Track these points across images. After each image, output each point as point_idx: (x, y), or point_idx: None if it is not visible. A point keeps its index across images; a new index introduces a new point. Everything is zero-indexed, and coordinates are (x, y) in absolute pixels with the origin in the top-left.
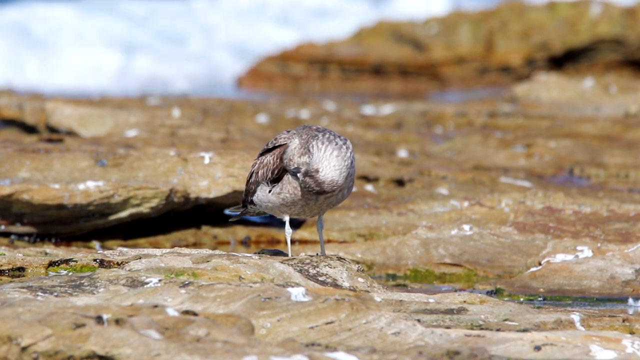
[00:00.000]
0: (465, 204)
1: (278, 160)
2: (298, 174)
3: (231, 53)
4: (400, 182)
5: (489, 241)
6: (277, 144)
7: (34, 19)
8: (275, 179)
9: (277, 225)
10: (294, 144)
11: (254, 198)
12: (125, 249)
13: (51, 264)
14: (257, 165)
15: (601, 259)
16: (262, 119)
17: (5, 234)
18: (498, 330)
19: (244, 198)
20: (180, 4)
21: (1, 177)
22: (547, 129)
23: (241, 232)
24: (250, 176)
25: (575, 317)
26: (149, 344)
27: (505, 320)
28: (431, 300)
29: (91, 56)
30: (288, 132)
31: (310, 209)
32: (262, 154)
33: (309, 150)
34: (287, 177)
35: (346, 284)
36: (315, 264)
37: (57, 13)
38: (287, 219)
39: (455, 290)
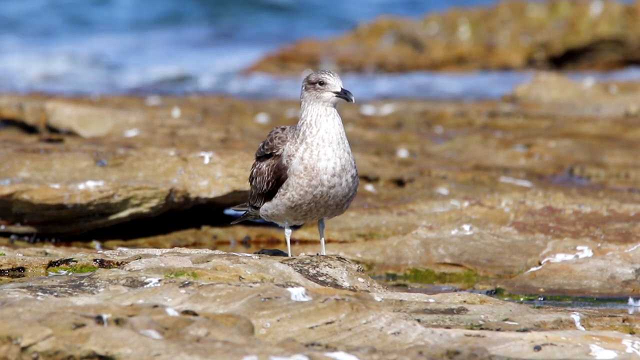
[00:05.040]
0: (465, 204)
1: (272, 173)
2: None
3: None
4: (400, 182)
5: (489, 241)
6: (272, 151)
7: None
8: (270, 192)
9: (278, 225)
10: (286, 149)
11: (261, 209)
12: (125, 249)
13: (51, 264)
14: (255, 170)
15: (601, 259)
16: (262, 119)
17: (5, 234)
18: (498, 330)
19: (249, 200)
20: None
21: (1, 177)
22: (547, 129)
23: (241, 232)
24: (252, 179)
25: (575, 317)
26: (148, 344)
27: (505, 320)
28: (431, 300)
29: None
30: (283, 130)
31: (317, 209)
32: (260, 157)
33: (298, 122)
34: (290, 170)
35: (346, 284)
36: (315, 264)
37: None
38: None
39: (455, 290)
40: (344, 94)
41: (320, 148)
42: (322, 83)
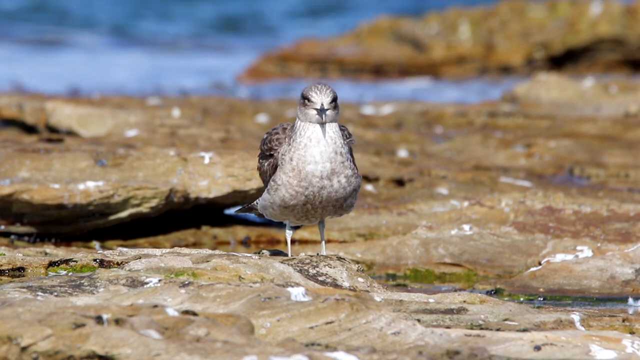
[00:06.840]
0: (465, 203)
1: (272, 172)
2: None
3: None
4: (400, 182)
5: (489, 241)
6: (271, 152)
7: None
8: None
9: (277, 225)
10: (280, 151)
11: (258, 205)
12: (125, 249)
13: (51, 264)
14: (259, 166)
15: (601, 258)
16: (262, 119)
17: (5, 234)
18: (498, 330)
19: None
20: None
21: (1, 177)
22: (547, 129)
23: (241, 232)
24: (259, 172)
25: (575, 317)
26: (148, 344)
27: (505, 320)
28: (431, 300)
29: None
30: (284, 130)
31: (314, 209)
32: (262, 156)
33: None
34: (280, 167)
35: (346, 284)
36: (315, 264)
37: None
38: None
39: (455, 290)
40: (319, 112)
41: (307, 149)
42: (308, 99)
